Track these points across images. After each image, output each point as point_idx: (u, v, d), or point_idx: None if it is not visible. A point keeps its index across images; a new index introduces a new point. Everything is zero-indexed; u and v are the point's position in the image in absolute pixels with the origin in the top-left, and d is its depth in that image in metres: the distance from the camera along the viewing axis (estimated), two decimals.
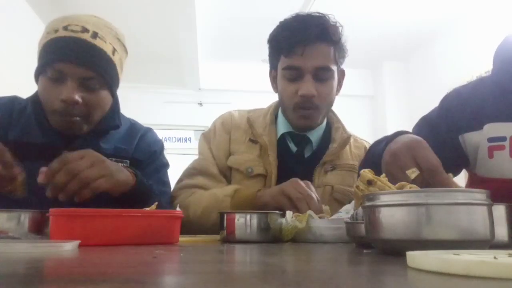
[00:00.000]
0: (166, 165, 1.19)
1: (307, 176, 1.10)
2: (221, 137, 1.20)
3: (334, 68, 1.10)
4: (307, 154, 1.17)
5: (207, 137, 1.23)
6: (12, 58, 2.95)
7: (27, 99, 1.06)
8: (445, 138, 0.96)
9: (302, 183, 0.96)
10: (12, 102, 1.04)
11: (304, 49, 1.05)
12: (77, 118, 0.96)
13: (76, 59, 0.93)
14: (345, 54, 1.14)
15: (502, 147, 0.87)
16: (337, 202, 1.10)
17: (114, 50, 1.00)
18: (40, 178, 0.73)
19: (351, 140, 1.22)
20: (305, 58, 1.06)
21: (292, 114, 1.13)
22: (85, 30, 0.95)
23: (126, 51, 1.07)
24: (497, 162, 0.87)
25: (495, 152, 0.88)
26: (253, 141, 1.17)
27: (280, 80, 1.13)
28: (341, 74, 1.18)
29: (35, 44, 1.00)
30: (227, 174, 1.17)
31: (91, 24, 0.97)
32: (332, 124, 1.23)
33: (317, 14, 1.09)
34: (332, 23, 1.09)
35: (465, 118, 0.94)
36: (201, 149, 1.23)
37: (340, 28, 1.11)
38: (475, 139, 0.91)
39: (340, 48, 1.11)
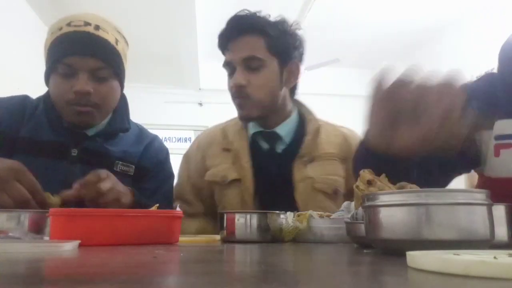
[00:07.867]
0: (171, 176, 1.21)
1: (285, 171, 1.12)
2: (197, 157, 1.24)
3: (268, 58, 1.11)
4: (280, 149, 1.17)
5: (186, 158, 1.28)
6: (13, 59, 2.95)
7: (39, 98, 1.08)
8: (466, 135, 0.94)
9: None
10: (24, 101, 1.06)
11: (230, 44, 1.13)
12: (90, 108, 0.98)
13: (83, 50, 0.95)
14: (292, 46, 1.14)
15: (509, 146, 0.84)
16: (320, 192, 1.11)
17: (116, 41, 1.03)
18: (76, 188, 0.84)
19: (326, 128, 1.22)
20: (233, 52, 1.12)
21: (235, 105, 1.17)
22: (87, 23, 0.98)
23: (127, 43, 1.09)
24: (504, 161, 0.84)
25: (502, 151, 0.85)
26: (226, 149, 1.19)
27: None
28: (294, 65, 1.17)
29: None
30: (205, 193, 1.20)
31: (92, 19, 1.00)
32: (305, 117, 1.23)
33: (247, 12, 1.14)
34: (262, 17, 1.13)
35: (480, 115, 0.90)
36: (179, 171, 1.27)
37: (281, 22, 1.14)
38: (486, 137, 0.88)
39: (278, 40, 1.11)
